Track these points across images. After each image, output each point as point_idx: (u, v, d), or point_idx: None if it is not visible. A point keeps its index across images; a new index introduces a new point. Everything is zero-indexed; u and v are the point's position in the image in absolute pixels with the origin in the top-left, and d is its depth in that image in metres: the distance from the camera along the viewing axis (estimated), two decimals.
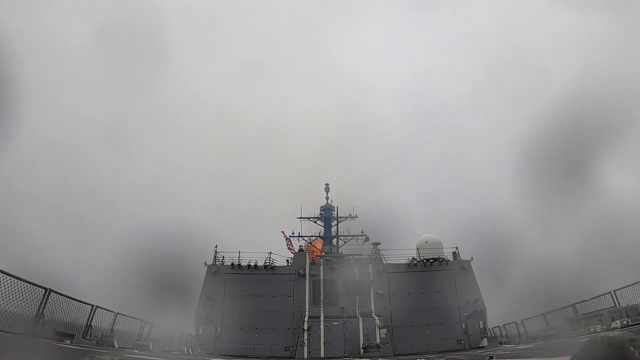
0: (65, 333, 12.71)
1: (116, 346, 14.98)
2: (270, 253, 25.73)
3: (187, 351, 21.80)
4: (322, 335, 23.37)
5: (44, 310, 11.45)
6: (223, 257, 25.52)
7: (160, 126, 52.91)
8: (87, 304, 14.46)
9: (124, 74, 41.20)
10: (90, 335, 14.46)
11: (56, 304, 12.28)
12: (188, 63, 57.21)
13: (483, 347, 22.37)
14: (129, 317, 17.83)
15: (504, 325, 26.38)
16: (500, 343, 23.78)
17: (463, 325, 23.79)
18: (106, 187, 39.81)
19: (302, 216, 34.09)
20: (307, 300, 24.68)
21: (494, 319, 25.50)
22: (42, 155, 36.76)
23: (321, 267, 25.92)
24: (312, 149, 51.35)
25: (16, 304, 10.18)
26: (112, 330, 15.98)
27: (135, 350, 15.93)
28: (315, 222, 33.92)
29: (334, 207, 32.83)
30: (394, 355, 21.49)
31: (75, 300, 13.64)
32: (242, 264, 25.14)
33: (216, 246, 25.57)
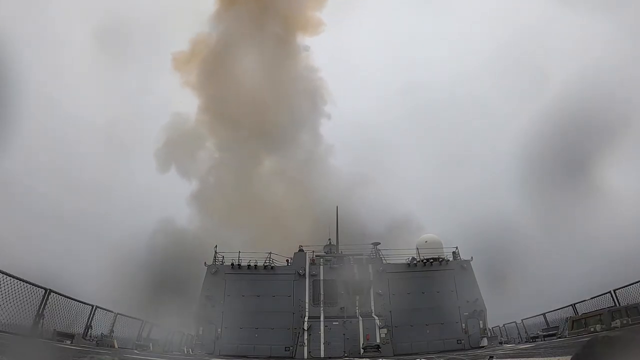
0: (65, 333, 12.71)
1: (116, 346, 14.96)
2: (270, 253, 25.72)
3: (187, 351, 21.80)
4: (322, 335, 23.37)
5: (44, 311, 11.44)
6: (223, 257, 25.51)
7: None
8: (87, 304, 14.45)
9: (124, 73, 41.19)
10: (90, 336, 14.45)
11: (56, 304, 12.27)
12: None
13: (483, 346, 22.37)
14: (129, 317, 17.82)
15: (504, 325, 26.40)
16: (500, 343, 23.79)
17: (463, 325, 23.79)
18: (107, 187, 39.83)
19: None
20: (307, 300, 24.68)
21: (494, 319, 25.54)
22: (42, 156, 36.79)
23: (321, 267, 25.91)
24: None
25: (16, 304, 10.18)
26: (112, 331, 15.97)
27: (135, 351, 15.93)
28: None
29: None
30: (394, 355, 21.48)
31: (75, 300, 13.63)
32: (242, 264, 25.13)
33: (216, 246, 25.58)
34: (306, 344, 23.00)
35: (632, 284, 14.17)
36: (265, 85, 32.51)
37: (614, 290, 15.23)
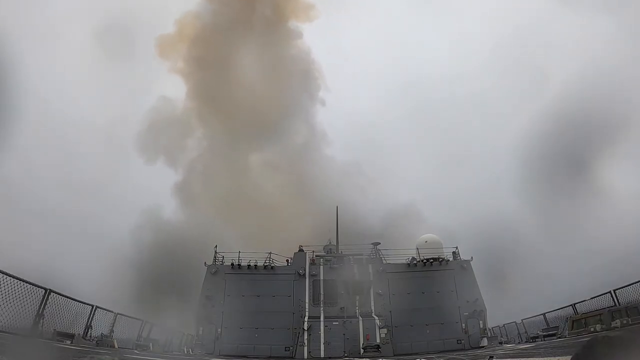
0: (65, 333, 12.72)
1: (116, 346, 14.97)
2: (270, 253, 25.71)
3: (187, 351, 21.81)
4: (322, 335, 23.37)
5: (44, 311, 11.45)
6: (223, 257, 25.50)
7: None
8: (87, 304, 14.46)
9: (123, 72, 41.11)
10: (90, 336, 14.46)
11: (56, 304, 12.27)
12: None
13: (483, 347, 22.37)
14: (129, 317, 17.83)
15: (504, 325, 26.40)
16: (500, 343, 23.80)
17: (463, 325, 23.78)
18: (106, 187, 39.80)
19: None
20: (307, 300, 24.67)
21: (494, 319, 25.54)
22: (42, 156, 36.77)
23: (321, 267, 25.90)
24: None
25: (16, 304, 10.18)
26: (112, 331, 15.98)
27: (135, 351, 15.94)
28: None
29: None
30: (394, 355, 21.48)
31: (75, 300, 13.64)
32: (242, 264, 25.13)
33: (216, 246, 25.57)
34: (306, 344, 22.99)
35: (632, 284, 14.18)
36: (257, 70, 30.75)
37: (614, 290, 15.24)
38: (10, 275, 9.93)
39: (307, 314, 24.20)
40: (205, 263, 25.11)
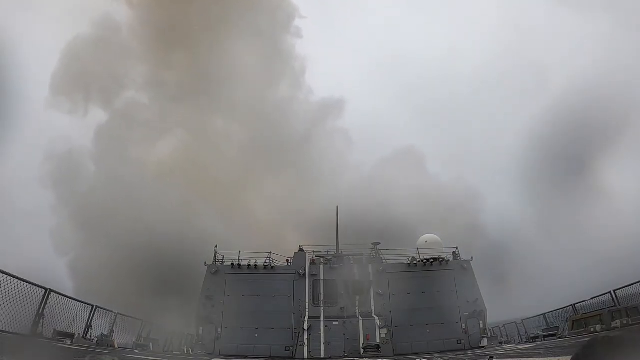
0: (65, 333, 12.73)
1: (116, 346, 14.98)
2: (270, 253, 25.72)
3: (187, 351, 21.81)
4: (322, 335, 23.36)
5: (44, 310, 11.45)
6: (223, 257, 25.51)
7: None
8: (87, 304, 14.48)
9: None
10: (90, 335, 14.47)
11: (56, 304, 12.28)
12: None
13: (483, 347, 22.37)
14: (129, 317, 17.83)
15: (504, 325, 26.40)
16: (500, 343, 23.80)
17: (463, 325, 23.77)
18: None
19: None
20: (307, 300, 24.67)
21: (494, 319, 25.53)
22: (42, 156, 36.73)
23: (321, 267, 25.89)
24: None
25: (16, 304, 10.18)
26: (112, 331, 15.98)
27: (135, 350, 15.95)
28: None
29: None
30: (394, 355, 21.48)
31: (75, 300, 13.65)
32: (242, 264, 25.13)
33: (216, 246, 25.58)
34: (306, 344, 22.99)
35: (632, 284, 14.18)
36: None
37: (614, 291, 15.24)
38: (10, 275, 9.93)
39: (307, 314, 24.20)
40: (205, 263, 25.12)
